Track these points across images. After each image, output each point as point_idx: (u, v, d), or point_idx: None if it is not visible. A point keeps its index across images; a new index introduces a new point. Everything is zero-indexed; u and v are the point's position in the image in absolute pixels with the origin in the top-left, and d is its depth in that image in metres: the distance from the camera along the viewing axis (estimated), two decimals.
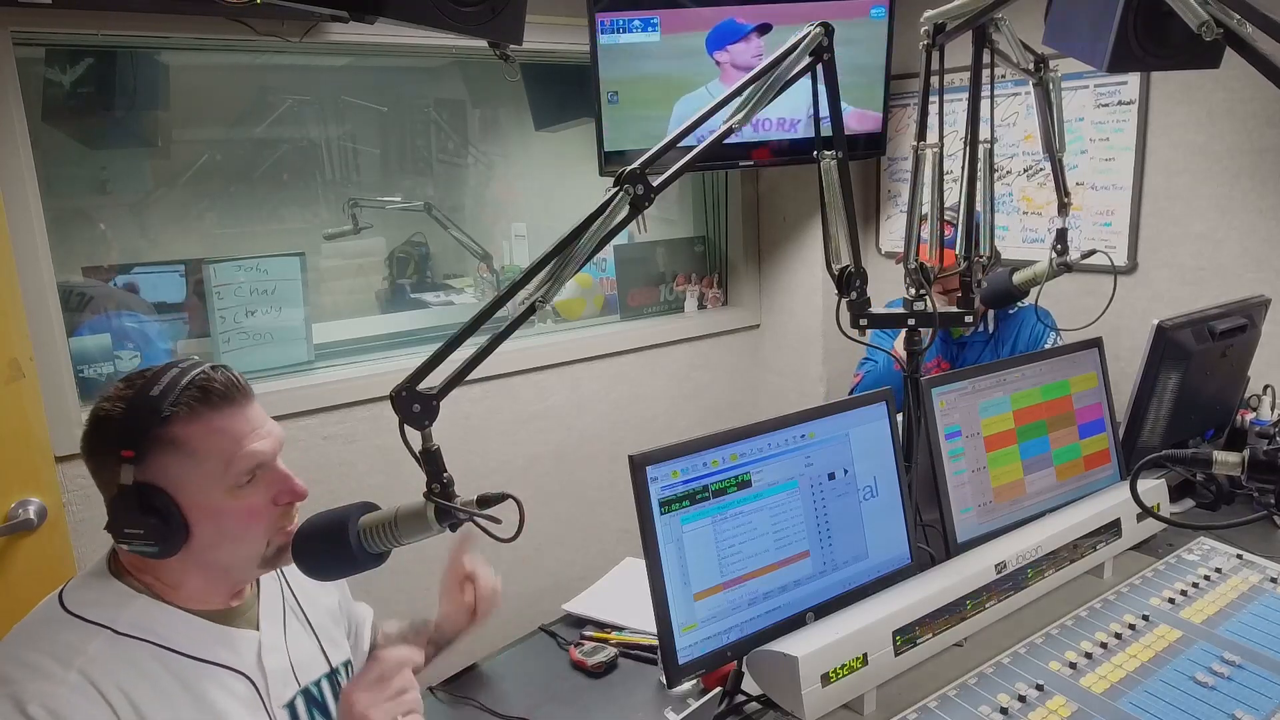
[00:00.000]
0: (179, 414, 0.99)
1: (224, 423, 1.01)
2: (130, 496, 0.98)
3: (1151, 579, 1.50)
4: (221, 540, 1.03)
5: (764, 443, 1.28)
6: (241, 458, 1.01)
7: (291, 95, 3.41)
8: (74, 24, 1.93)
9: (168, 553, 0.99)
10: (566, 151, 3.54)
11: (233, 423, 1.02)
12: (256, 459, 1.03)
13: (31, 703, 0.90)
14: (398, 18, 0.98)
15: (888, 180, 3.06)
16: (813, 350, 3.13)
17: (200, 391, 1.00)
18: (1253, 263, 2.21)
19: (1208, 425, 2.01)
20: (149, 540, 0.98)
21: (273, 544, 1.06)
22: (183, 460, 0.99)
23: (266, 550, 1.06)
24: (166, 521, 0.98)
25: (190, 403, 0.99)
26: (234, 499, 1.02)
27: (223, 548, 1.03)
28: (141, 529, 0.98)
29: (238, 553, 1.05)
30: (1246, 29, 1.05)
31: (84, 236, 2.84)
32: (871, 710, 1.22)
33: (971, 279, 1.60)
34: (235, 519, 1.02)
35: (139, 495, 0.98)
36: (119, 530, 0.99)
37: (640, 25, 2.51)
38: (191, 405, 0.99)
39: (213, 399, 1.01)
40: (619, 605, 1.69)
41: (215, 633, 1.06)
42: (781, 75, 1.24)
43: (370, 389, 2.40)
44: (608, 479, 2.90)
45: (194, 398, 1.00)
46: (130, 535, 0.98)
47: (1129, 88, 2.36)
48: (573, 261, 1.04)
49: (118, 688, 0.96)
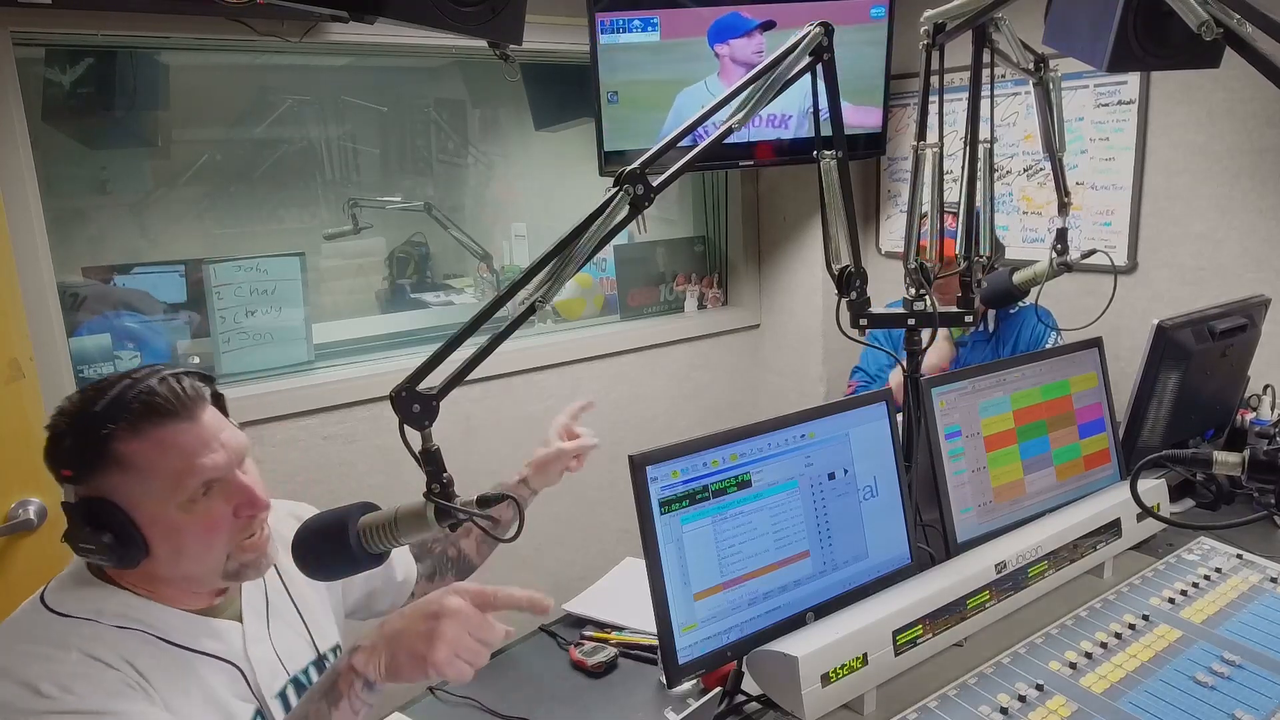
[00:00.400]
0: (120, 430, 0.96)
1: (170, 437, 0.98)
2: (77, 513, 0.97)
3: (1151, 579, 1.50)
4: (180, 556, 1.01)
5: (764, 443, 1.28)
6: (191, 473, 0.99)
7: (291, 95, 3.42)
8: (74, 24, 1.93)
9: (126, 565, 0.99)
10: (566, 151, 3.54)
11: (179, 437, 0.99)
12: (206, 474, 1.00)
13: (42, 681, 0.91)
14: (398, 18, 0.98)
15: (888, 180, 3.06)
16: (813, 350, 3.12)
17: (143, 406, 0.98)
18: (1253, 263, 2.21)
19: (1208, 425, 2.01)
20: (103, 555, 0.97)
21: (234, 558, 1.04)
22: (130, 477, 0.97)
23: (228, 564, 1.04)
24: (120, 537, 0.97)
25: (131, 419, 0.97)
26: (188, 513, 0.99)
27: (182, 562, 1.02)
28: (93, 544, 0.96)
29: (197, 567, 1.04)
30: (1246, 29, 1.05)
31: (84, 236, 2.84)
32: (871, 710, 1.22)
33: (971, 279, 1.60)
34: (192, 534, 1.00)
35: (85, 512, 0.96)
36: (75, 545, 0.98)
37: (640, 25, 2.51)
38: (133, 421, 0.97)
39: (155, 414, 0.98)
40: (619, 605, 1.69)
41: (200, 624, 1.06)
42: (781, 75, 1.24)
43: (370, 389, 2.40)
44: (608, 479, 2.90)
45: (136, 413, 0.97)
46: (86, 550, 0.98)
47: (1129, 88, 2.36)
48: (573, 261, 1.04)
49: (120, 657, 0.96)
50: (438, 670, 0.89)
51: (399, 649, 0.91)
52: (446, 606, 0.91)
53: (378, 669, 0.91)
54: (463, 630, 0.90)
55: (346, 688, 0.91)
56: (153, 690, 0.97)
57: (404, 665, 0.90)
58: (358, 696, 0.91)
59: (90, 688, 0.92)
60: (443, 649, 0.89)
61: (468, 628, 0.91)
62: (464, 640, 0.90)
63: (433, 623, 0.90)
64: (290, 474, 2.31)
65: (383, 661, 0.91)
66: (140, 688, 0.96)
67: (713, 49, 2.55)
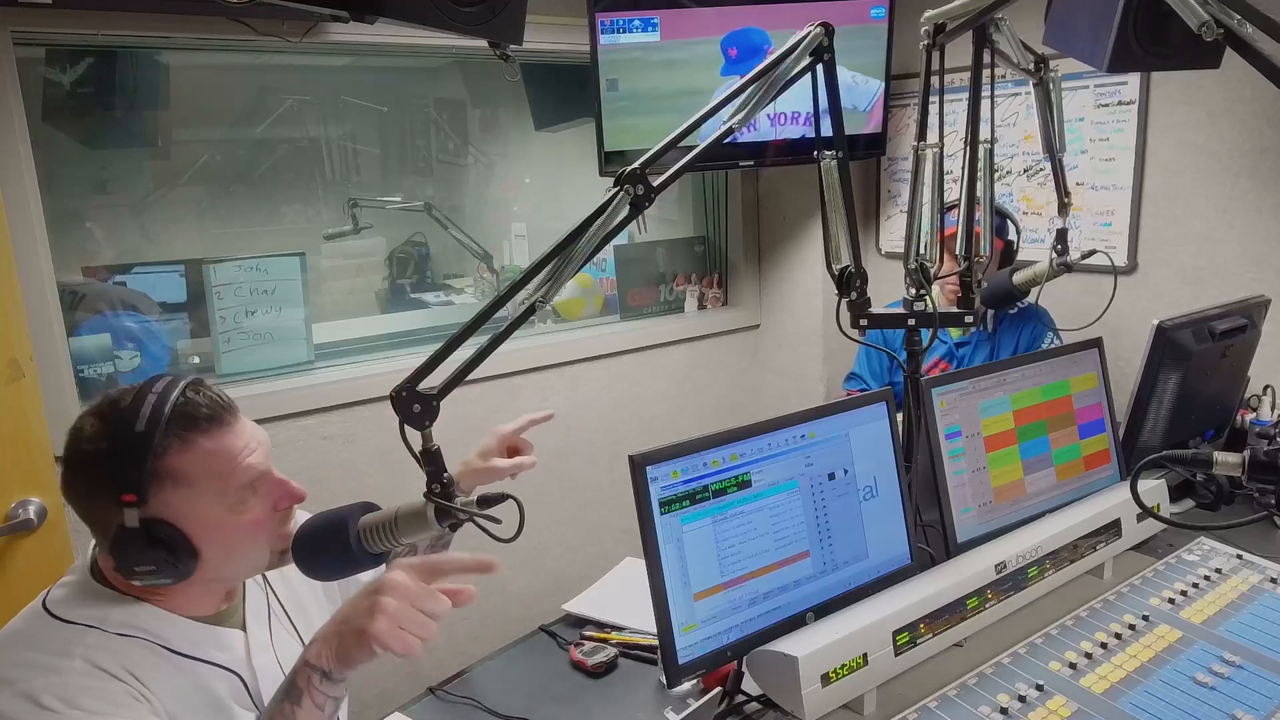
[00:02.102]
0: (171, 446, 0.97)
1: (216, 445, 1.00)
2: (137, 538, 0.96)
3: (1151, 579, 1.50)
4: (229, 556, 1.03)
5: (764, 443, 1.28)
6: (239, 475, 1.01)
7: (291, 95, 3.41)
8: (74, 24, 1.92)
9: (181, 579, 0.99)
10: (566, 151, 3.54)
11: (224, 443, 1.01)
12: (254, 473, 1.03)
13: (44, 694, 0.90)
14: (398, 18, 0.98)
15: (888, 180, 3.06)
16: (813, 350, 3.13)
17: (186, 418, 0.98)
18: (1253, 263, 2.21)
19: (1208, 425, 2.00)
20: (162, 574, 0.98)
21: (275, 549, 1.07)
22: (182, 490, 0.98)
23: (271, 557, 1.07)
24: (175, 552, 0.97)
25: (180, 433, 0.97)
26: (236, 515, 1.01)
27: (230, 563, 1.04)
28: (153, 564, 0.97)
29: (244, 565, 1.07)
30: (1246, 29, 1.06)
31: (84, 236, 2.84)
32: (871, 710, 1.22)
33: (972, 279, 1.60)
34: (240, 534, 1.02)
35: (149, 535, 0.96)
36: (129, 569, 0.97)
37: (640, 25, 2.51)
38: (182, 436, 0.97)
39: (200, 423, 0.99)
40: (619, 605, 1.69)
41: (205, 632, 1.07)
42: (781, 75, 1.24)
43: (370, 389, 2.40)
44: (608, 479, 2.90)
45: (181, 426, 0.98)
46: (142, 572, 0.97)
47: (1129, 88, 2.36)
48: (573, 262, 1.04)
49: (123, 667, 0.96)
50: (379, 642, 0.87)
51: (345, 629, 0.90)
52: (386, 581, 0.91)
53: (330, 657, 0.90)
54: (404, 602, 0.89)
55: (305, 683, 0.91)
56: (155, 700, 0.97)
57: (351, 646, 0.89)
58: (317, 689, 0.91)
59: (93, 700, 0.92)
60: (381, 620, 0.87)
61: (409, 599, 0.90)
62: (406, 612, 0.89)
63: (374, 598, 0.90)
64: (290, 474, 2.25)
65: (333, 648, 0.91)
66: (144, 699, 0.96)
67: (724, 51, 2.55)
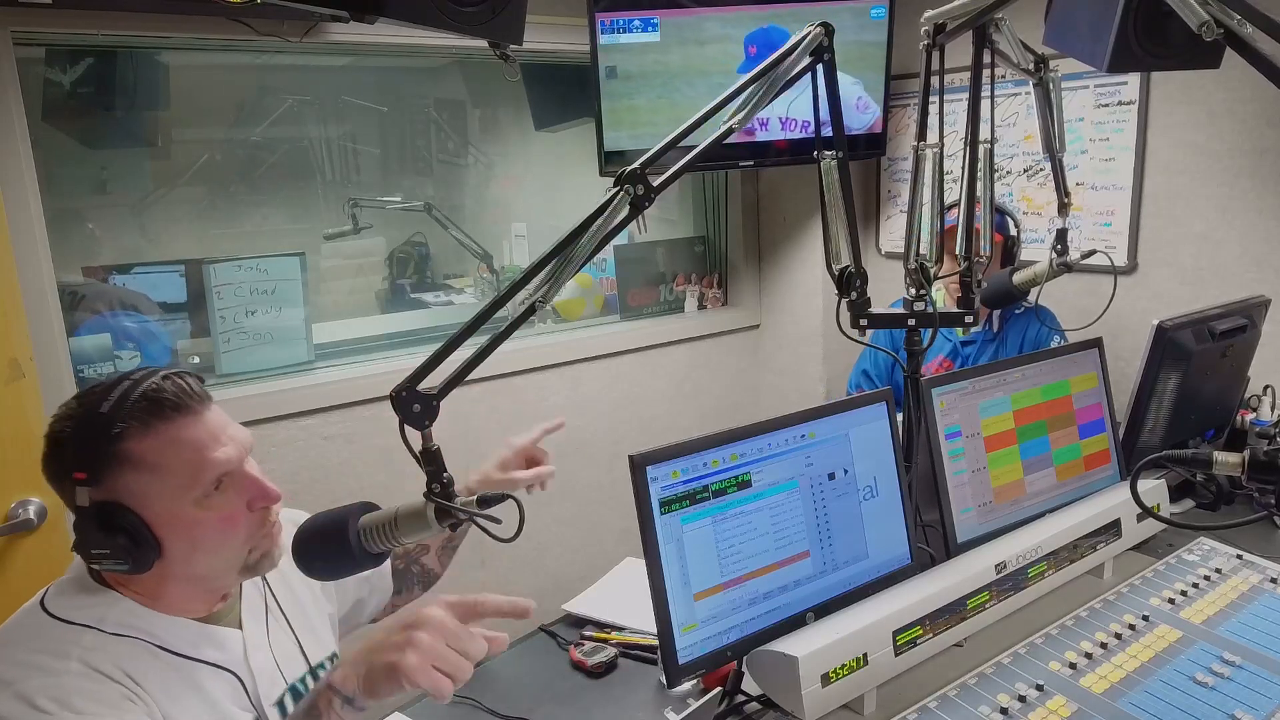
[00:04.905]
0: (131, 429, 0.96)
1: (180, 433, 0.99)
2: (89, 517, 0.96)
3: (1151, 579, 1.50)
4: (195, 552, 1.01)
5: (764, 443, 1.28)
6: (204, 467, 0.99)
7: (291, 95, 3.41)
8: (74, 24, 1.93)
9: (140, 569, 0.98)
10: (566, 151, 3.54)
11: (190, 432, 1.00)
12: (220, 467, 1.01)
13: (39, 696, 0.90)
14: (398, 18, 0.98)
15: (888, 180, 3.06)
16: (813, 350, 3.12)
17: (151, 403, 0.98)
18: (1253, 263, 2.21)
19: (1208, 425, 2.00)
20: (118, 559, 0.97)
21: (255, 550, 1.05)
22: (143, 476, 0.97)
23: (249, 558, 1.05)
24: (134, 539, 0.96)
25: (142, 416, 0.97)
26: (204, 509, 1.00)
27: (198, 559, 1.02)
28: (108, 548, 0.96)
29: (215, 562, 1.04)
30: (1246, 29, 1.05)
31: (84, 236, 2.84)
32: (871, 710, 1.22)
33: (972, 279, 1.60)
34: (208, 529, 1.01)
35: (99, 515, 0.96)
36: (85, 552, 0.97)
37: (640, 25, 2.51)
38: (144, 419, 0.97)
39: (165, 410, 0.98)
40: (619, 605, 1.69)
41: (201, 632, 1.06)
42: (781, 75, 1.24)
43: (370, 389, 2.40)
44: (608, 479, 2.90)
45: (145, 410, 0.97)
46: (98, 555, 0.97)
47: (1129, 88, 2.36)
48: (573, 262, 1.04)
49: (119, 669, 0.96)
50: (410, 679, 0.85)
51: (375, 660, 0.88)
52: (423, 616, 0.89)
53: (356, 684, 0.89)
54: (439, 640, 0.87)
55: (325, 705, 0.90)
56: (151, 701, 0.96)
57: (379, 677, 0.87)
58: (336, 714, 0.90)
59: (88, 702, 0.91)
60: (413, 656, 0.85)
61: (445, 638, 0.87)
62: (440, 650, 0.86)
63: (409, 632, 0.87)
64: (290, 474, 2.31)
65: (360, 675, 0.89)
66: (140, 700, 0.96)
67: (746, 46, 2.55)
